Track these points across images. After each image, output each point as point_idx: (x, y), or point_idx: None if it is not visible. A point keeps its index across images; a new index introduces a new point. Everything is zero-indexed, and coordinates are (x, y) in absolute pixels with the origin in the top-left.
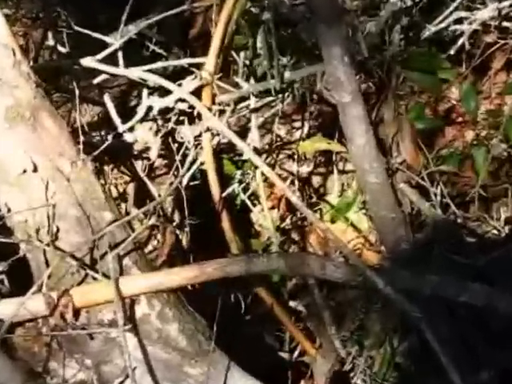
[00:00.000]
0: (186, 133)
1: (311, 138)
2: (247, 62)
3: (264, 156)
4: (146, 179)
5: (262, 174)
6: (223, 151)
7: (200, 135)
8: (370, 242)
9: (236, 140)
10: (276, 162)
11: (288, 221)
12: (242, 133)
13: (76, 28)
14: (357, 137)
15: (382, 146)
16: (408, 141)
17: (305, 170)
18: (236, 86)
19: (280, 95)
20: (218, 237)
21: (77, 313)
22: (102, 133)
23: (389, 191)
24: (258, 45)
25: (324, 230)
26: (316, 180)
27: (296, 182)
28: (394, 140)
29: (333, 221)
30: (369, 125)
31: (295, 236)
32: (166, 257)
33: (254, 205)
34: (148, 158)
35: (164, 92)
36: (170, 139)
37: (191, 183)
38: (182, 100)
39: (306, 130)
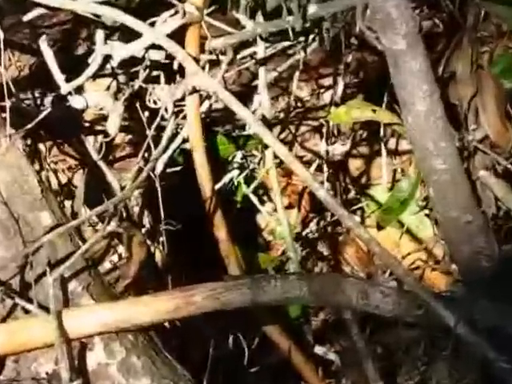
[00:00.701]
0: (161, 95)
1: (348, 103)
2: None
3: (277, 130)
4: (101, 164)
5: (275, 156)
6: (217, 123)
7: (183, 99)
8: (436, 258)
9: (236, 105)
10: (295, 139)
11: (312, 226)
12: (245, 95)
13: None
14: (416, 101)
15: (452, 116)
16: (492, 107)
17: (338, 150)
18: (236, 25)
19: (301, 39)
20: (210, 250)
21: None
22: (37, 95)
23: (463, 182)
24: None
25: (367, 239)
26: (355, 165)
27: (325, 169)
28: (470, 106)
29: (380, 226)
30: (433, 84)
31: (323, 249)
32: (133, 279)
33: (263, 202)
34: (105, 133)
35: (129, 34)
36: (137, 105)
37: (169, 170)
38: (156, 46)
39: (339, 90)
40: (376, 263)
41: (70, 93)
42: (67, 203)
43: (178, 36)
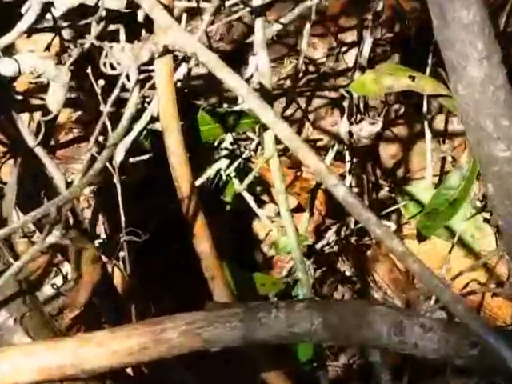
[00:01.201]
0: (121, 58)
1: (377, 67)
2: None
3: (281, 104)
4: (39, 152)
5: (277, 140)
6: (197, 95)
7: (151, 62)
8: (498, 279)
9: (223, 71)
10: (306, 117)
11: (330, 236)
12: (237, 56)
13: None
14: (469, 65)
15: None
16: None
17: (365, 131)
18: None
19: None
20: (188, 268)
21: None
22: None
23: None
24: None
25: (403, 254)
26: (388, 152)
27: (347, 157)
28: None
29: (422, 236)
30: (492, 41)
31: (344, 267)
32: (83, 309)
33: (261, 204)
34: (44, 109)
35: None
36: (88, 71)
37: (132, 160)
38: None
39: (366, 49)
40: (416, 286)
41: None
42: None
43: None
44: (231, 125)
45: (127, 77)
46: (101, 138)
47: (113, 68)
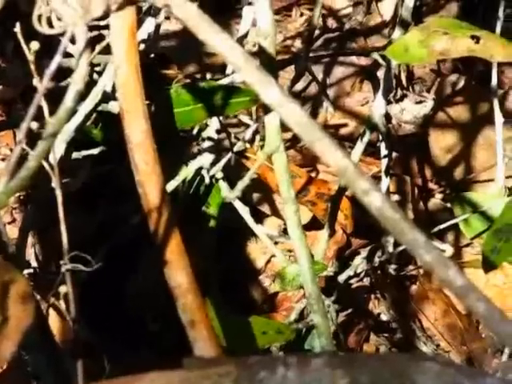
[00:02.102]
0: (63, 11)
1: (426, 23)
2: None
3: (289, 74)
4: None
5: (283, 127)
6: (170, 63)
7: (104, 17)
8: None
9: (207, 28)
10: (324, 92)
11: (359, 264)
12: (225, 5)
13: None
14: None
15: None
16: None
17: (410, 113)
18: None
19: None
20: (159, 308)
21: None
22: None
23: None
24: None
25: (463, 290)
26: (442, 144)
27: (383, 149)
28: None
29: (489, 263)
30: None
31: (380, 308)
32: (8, 367)
33: (261, 218)
34: None
35: None
36: (16, 29)
37: (77, 155)
38: None
39: None
40: (482, 335)
41: None
42: None
43: None
44: (218, 105)
45: (72, 38)
46: (33, 125)
47: (51, 25)
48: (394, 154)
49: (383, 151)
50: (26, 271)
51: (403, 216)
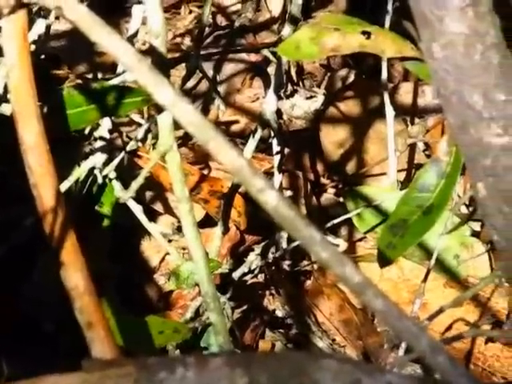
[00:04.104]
0: None
1: (316, 19)
2: None
3: (180, 72)
4: None
5: (176, 124)
6: (61, 63)
7: None
8: (497, 317)
9: (98, 30)
10: (215, 90)
11: (253, 260)
12: (114, 4)
13: None
14: (447, 16)
15: None
16: None
17: (301, 109)
18: None
19: None
20: (53, 311)
21: None
22: None
23: None
24: None
25: (359, 285)
26: (334, 139)
27: (275, 145)
28: None
29: (384, 257)
30: None
31: (275, 304)
32: None
33: (154, 216)
34: None
35: None
36: None
37: None
38: None
39: None
40: (378, 330)
41: None
42: None
43: None
44: (110, 106)
45: None
46: None
47: None
48: (287, 150)
49: (275, 147)
50: None
51: (298, 214)
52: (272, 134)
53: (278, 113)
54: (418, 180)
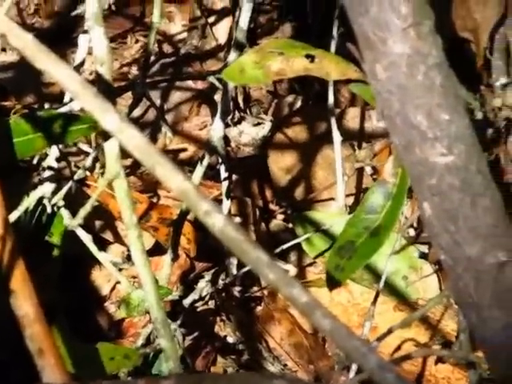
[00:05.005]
0: None
1: (261, 44)
2: None
3: (127, 101)
4: None
5: (123, 153)
6: (6, 93)
7: None
8: (446, 337)
9: (44, 59)
10: (163, 118)
11: (204, 287)
12: (60, 34)
13: None
14: (389, 37)
15: (461, 62)
16: None
17: (249, 135)
18: None
19: None
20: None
21: None
22: None
23: (486, 187)
24: None
25: (308, 307)
26: (282, 165)
27: (222, 172)
28: (495, 42)
29: (332, 281)
30: (422, 2)
31: (225, 330)
32: None
33: (104, 245)
34: None
35: None
36: None
37: None
38: None
39: (243, 18)
40: (328, 353)
41: None
42: None
43: None
44: (57, 133)
45: None
46: None
47: None
48: (235, 177)
49: (223, 174)
50: None
51: (246, 236)
52: (220, 161)
53: (226, 140)
54: (364, 202)
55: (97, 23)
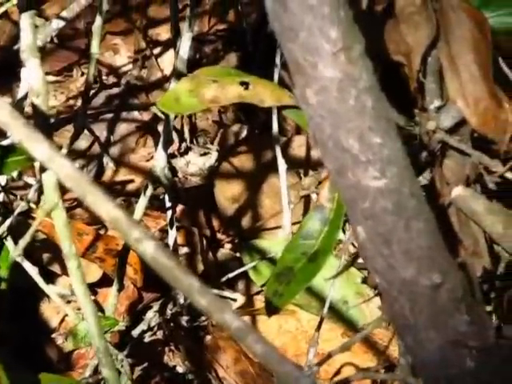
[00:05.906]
0: None
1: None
2: None
3: (68, 132)
4: None
5: (61, 186)
6: None
7: None
8: (390, 360)
9: None
10: (105, 149)
11: (152, 318)
12: (6, 68)
13: None
14: (320, 61)
15: (393, 85)
16: (470, 65)
17: (195, 165)
18: None
19: None
20: None
21: None
22: None
23: (420, 211)
24: None
25: (240, 331)
26: (227, 195)
27: (167, 202)
28: (428, 65)
29: (271, 306)
30: (352, 26)
31: (174, 360)
32: None
33: (51, 278)
34: None
35: None
36: None
37: None
38: None
39: (184, 47)
40: (274, 379)
41: None
42: None
43: None
44: None
45: None
46: None
47: None
48: (182, 207)
49: (167, 203)
50: None
51: (177, 262)
52: (165, 192)
53: (173, 170)
54: (302, 228)
55: (32, 55)
